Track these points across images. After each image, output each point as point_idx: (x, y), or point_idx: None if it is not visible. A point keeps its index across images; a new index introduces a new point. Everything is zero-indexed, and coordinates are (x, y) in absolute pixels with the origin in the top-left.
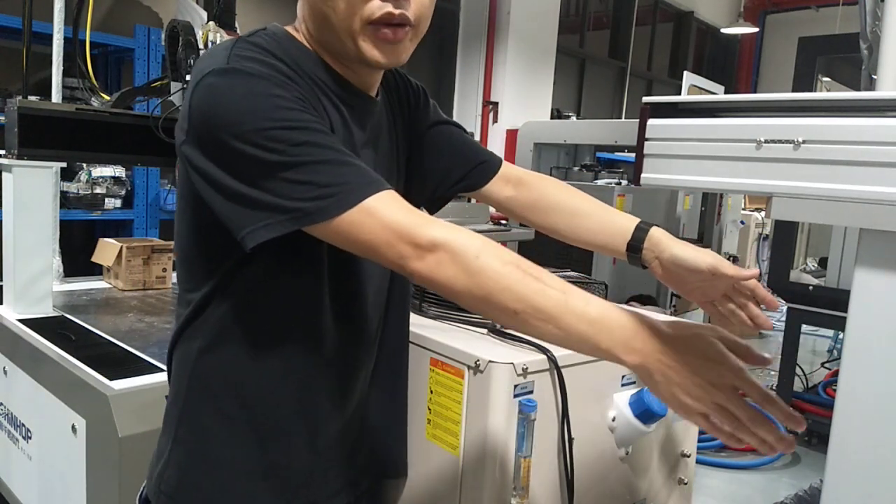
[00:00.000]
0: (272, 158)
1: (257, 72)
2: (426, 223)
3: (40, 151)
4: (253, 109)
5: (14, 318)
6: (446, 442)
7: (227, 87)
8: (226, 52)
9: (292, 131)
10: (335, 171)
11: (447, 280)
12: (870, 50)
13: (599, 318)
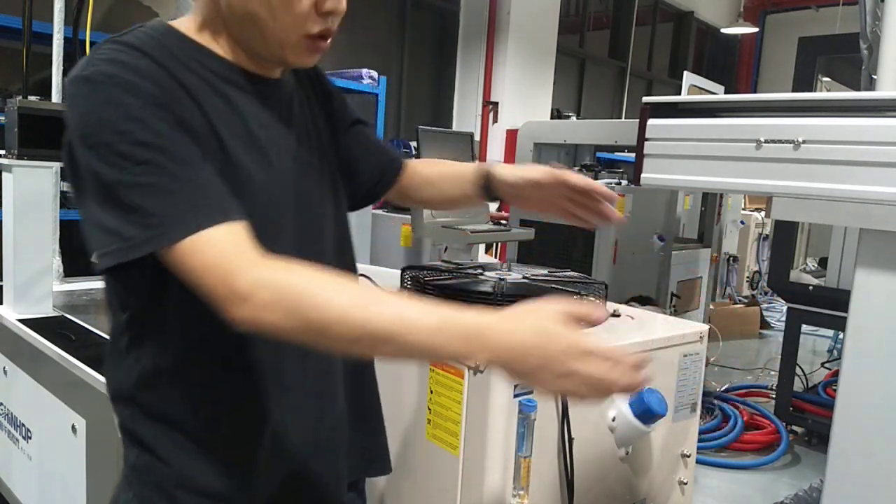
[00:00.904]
0: (113, 175)
1: (108, 77)
2: (248, 266)
3: (40, 151)
4: (99, 121)
5: (14, 318)
6: (446, 442)
7: (77, 97)
8: (91, 55)
9: (137, 147)
10: (169, 197)
11: (272, 325)
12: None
13: (439, 327)
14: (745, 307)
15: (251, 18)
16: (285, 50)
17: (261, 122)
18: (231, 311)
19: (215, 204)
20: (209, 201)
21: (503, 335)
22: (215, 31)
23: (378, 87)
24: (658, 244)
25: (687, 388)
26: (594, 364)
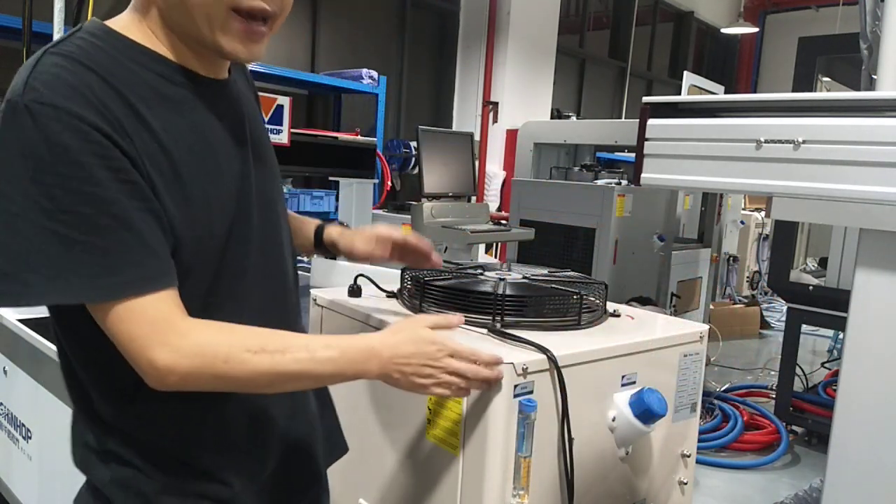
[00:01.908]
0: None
1: (52, 110)
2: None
3: None
4: (38, 159)
5: (14, 319)
6: (446, 442)
7: (15, 127)
8: (27, 72)
9: (66, 193)
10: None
11: (200, 387)
12: (870, 50)
13: (341, 355)
14: (745, 307)
15: (180, 2)
16: (217, 33)
17: (213, 127)
18: (149, 380)
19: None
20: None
21: (388, 348)
22: (152, 23)
23: (378, 87)
24: (658, 244)
25: (687, 388)
26: (459, 360)
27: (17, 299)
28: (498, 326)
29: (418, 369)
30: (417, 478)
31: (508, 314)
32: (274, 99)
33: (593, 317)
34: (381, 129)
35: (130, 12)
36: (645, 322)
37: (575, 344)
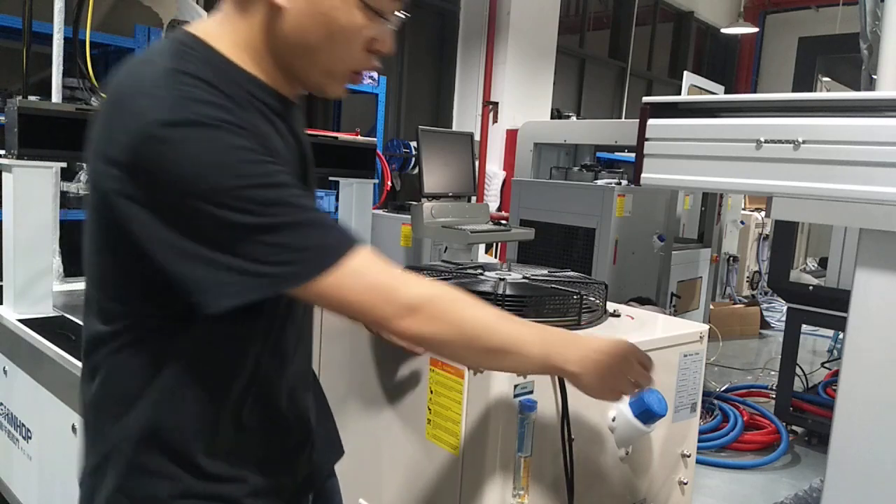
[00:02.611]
0: (244, 220)
1: (213, 119)
2: (406, 282)
3: (40, 151)
4: (218, 166)
5: (14, 318)
6: (446, 442)
7: (185, 143)
8: (168, 91)
9: (263, 189)
10: (310, 231)
11: (433, 334)
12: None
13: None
14: (745, 307)
15: (307, 49)
16: (328, 81)
17: (294, 147)
18: (397, 323)
19: (343, 230)
20: (342, 228)
21: (590, 340)
22: (257, 53)
23: (378, 87)
24: (658, 244)
25: (687, 388)
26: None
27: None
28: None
29: (612, 367)
30: (417, 478)
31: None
32: None
33: (593, 317)
34: (381, 130)
35: (225, 33)
36: (645, 322)
37: None
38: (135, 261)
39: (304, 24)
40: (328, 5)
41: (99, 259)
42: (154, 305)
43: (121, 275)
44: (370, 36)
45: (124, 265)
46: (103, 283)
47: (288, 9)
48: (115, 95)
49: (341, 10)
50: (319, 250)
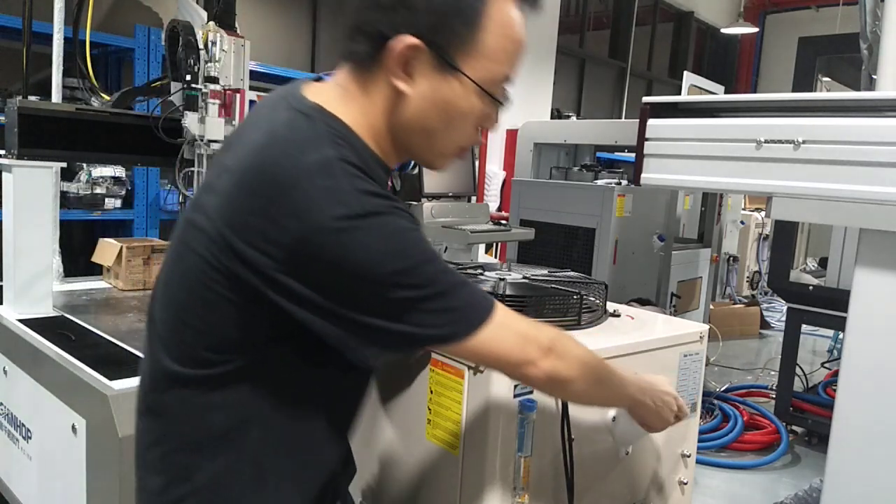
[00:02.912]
0: (412, 295)
1: (382, 208)
2: (536, 326)
3: (40, 151)
4: (392, 252)
5: (14, 318)
6: (446, 442)
7: (361, 233)
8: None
9: (426, 264)
10: (460, 293)
11: (567, 374)
12: (870, 50)
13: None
14: (745, 307)
15: (426, 131)
16: (439, 158)
17: None
18: (541, 364)
19: (481, 292)
20: (476, 287)
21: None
22: (378, 132)
23: None
24: (658, 244)
25: (687, 388)
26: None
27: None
28: None
29: (665, 401)
30: (417, 478)
31: None
32: None
33: (593, 317)
34: None
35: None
36: (645, 322)
37: None
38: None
39: (426, 109)
40: (450, 93)
41: (205, 312)
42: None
43: (237, 328)
44: (483, 115)
45: (247, 324)
46: (203, 332)
47: (410, 94)
48: (272, 178)
49: (461, 96)
50: (472, 309)
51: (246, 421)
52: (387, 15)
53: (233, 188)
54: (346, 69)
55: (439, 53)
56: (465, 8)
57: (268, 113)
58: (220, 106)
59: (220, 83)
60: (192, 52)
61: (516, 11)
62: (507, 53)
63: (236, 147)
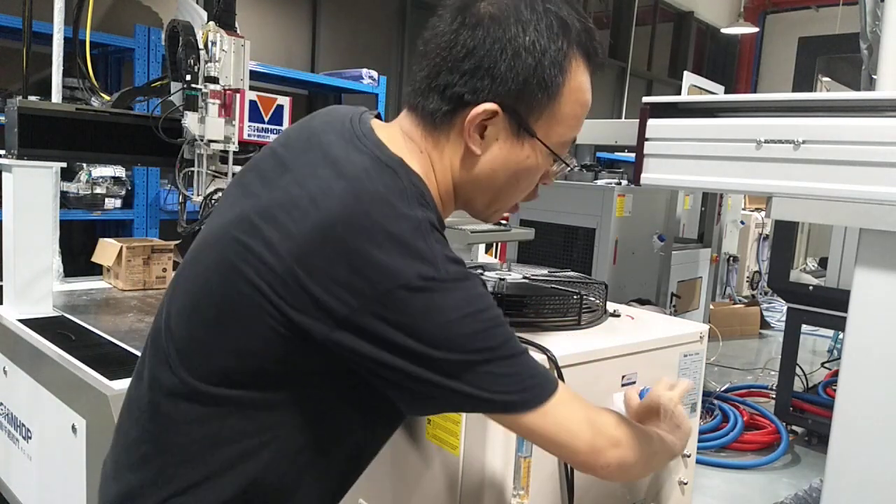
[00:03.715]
0: (485, 357)
1: (465, 276)
2: (605, 418)
3: (40, 151)
4: (471, 315)
5: (14, 318)
6: (446, 442)
7: (448, 298)
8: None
9: (500, 328)
10: (530, 362)
11: (629, 463)
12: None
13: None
14: (745, 307)
15: (492, 190)
16: (497, 213)
17: None
18: (606, 455)
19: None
20: (539, 364)
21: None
22: (445, 189)
23: (378, 87)
24: (658, 244)
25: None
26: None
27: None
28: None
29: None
30: (417, 478)
31: (509, 314)
32: (274, 99)
33: (593, 317)
34: None
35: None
36: (645, 322)
37: (575, 344)
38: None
39: (496, 170)
40: (521, 156)
41: (247, 338)
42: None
43: (278, 361)
44: (546, 173)
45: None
46: (240, 357)
47: (482, 156)
48: (363, 231)
49: (531, 158)
50: (543, 379)
51: (261, 448)
52: (469, 80)
53: (313, 232)
54: (416, 122)
55: (516, 120)
56: (548, 80)
57: (341, 148)
58: (220, 106)
59: (220, 83)
60: (192, 52)
61: (588, 77)
62: (577, 118)
63: (303, 173)
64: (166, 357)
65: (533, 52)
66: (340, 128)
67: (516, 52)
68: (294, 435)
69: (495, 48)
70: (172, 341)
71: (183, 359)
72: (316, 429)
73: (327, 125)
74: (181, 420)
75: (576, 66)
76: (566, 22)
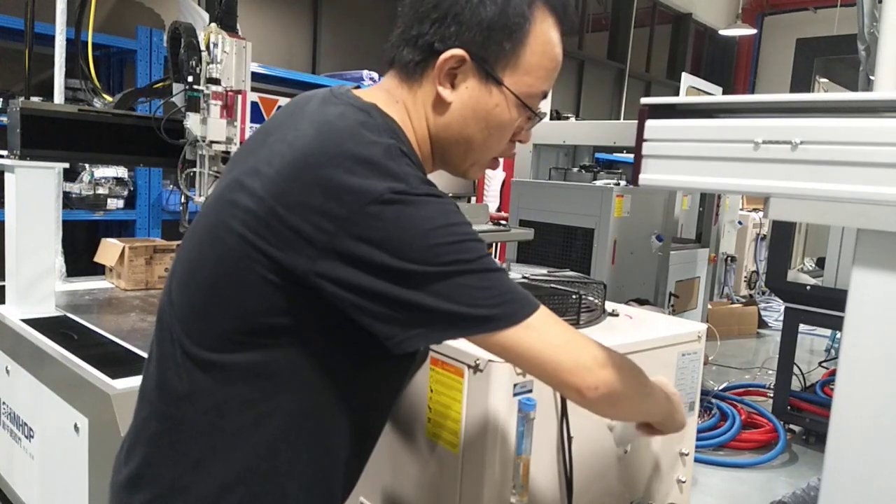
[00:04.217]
0: (461, 268)
1: (439, 194)
2: (584, 341)
3: (43, 152)
4: (444, 226)
5: (17, 318)
6: (446, 440)
7: (421, 209)
8: (406, 167)
9: (476, 243)
10: (507, 281)
11: (614, 389)
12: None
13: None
14: (743, 307)
15: (464, 138)
16: (473, 167)
17: None
18: (594, 374)
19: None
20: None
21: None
22: (421, 137)
23: None
24: (656, 244)
25: (685, 387)
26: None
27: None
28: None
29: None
30: (417, 477)
31: None
32: (275, 100)
33: (592, 316)
34: None
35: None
36: (643, 321)
37: None
38: (301, 305)
39: (466, 118)
40: (490, 104)
41: (242, 294)
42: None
43: (273, 313)
44: (518, 128)
45: (285, 309)
46: (237, 317)
47: (453, 102)
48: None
49: (501, 107)
50: (522, 296)
51: (268, 415)
52: (437, 28)
53: (288, 167)
54: (392, 75)
55: (484, 66)
56: (512, 26)
57: (317, 107)
58: (221, 107)
59: (222, 84)
60: (194, 53)
61: (556, 32)
62: (546, 70)
63: (285, 132)
64: (170, 330)
65: (496, 1)
66: (321, 95)
67: (481, 1)
68: (298, 401)
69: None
70: (174, 313)
71: (184, 328)
72: (319, 393)
73: (309, 97)
74: (186, 392)
75: (541, 18)
76: None
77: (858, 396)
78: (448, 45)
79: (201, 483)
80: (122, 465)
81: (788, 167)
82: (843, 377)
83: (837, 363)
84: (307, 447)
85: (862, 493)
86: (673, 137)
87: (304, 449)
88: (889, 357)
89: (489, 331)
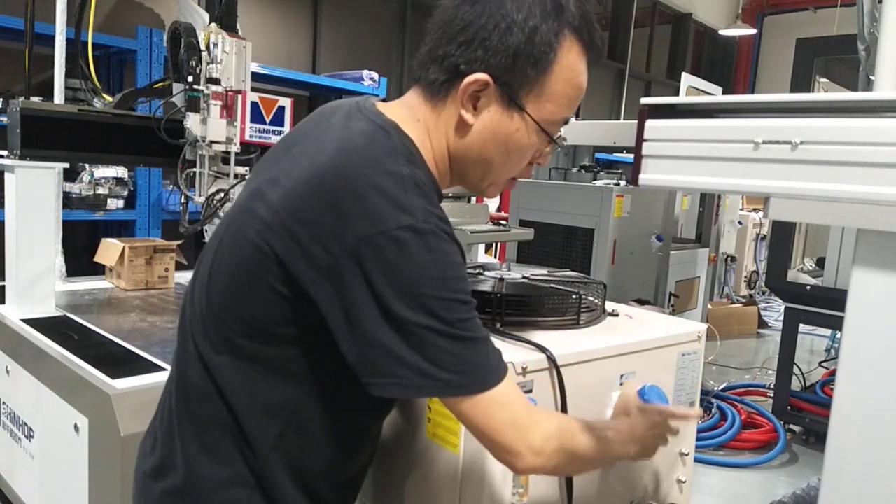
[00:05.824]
0: (438, 326)
1: (445, 233)
2: (538, 422)
3: (43, 152)
4: (438, 278)
5: (17, 318)
6: (446, 440)
7: (422, 249)
8: (408, 197)
9: (463, 306)
10: (485, 349)
11: (553, 468)
12: (867, 51)
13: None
14: (743, 307)
15: (484, 160)
16: (491, 187)
17: None
18: (522, 461)
19: (499, 356)
20: (496, 355)
21: (636, 429)
22: (440, 157)
23: (378, 88)
24: (656, 244)
25: (685, 387)
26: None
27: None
28: (498, 326)
29: (649, 437)
30: (417, 477)
31: (508, 314)
32: (275, 100)
33: (592, 316)
34: None
35: (425, 141)
36: (643, 321)
37: (574, 343)
38: (307, 316)
39: (486, 140)
40: (511, 129)
41: (251, 301)
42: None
43: (281, 322)
44: (537, 152)
45: (292, 319)
46: (247, 323)
47: (475, 125)
48: (352, 181)
49: (522, 133)
50: (489, 369)
51: (278, 411)
52: (464, 50)
53: (305, 185)
54: (417, 92)
55: (507, 92)
56: (538, 55)
57: (342, 120)
58: (221, 107)
59: (222, 84)
60: (194, 53)
61: (582, 61)
62: (569, 98)
63: (308, 145)
64: (190, 330)
65: (524, 29)
66: (347, 107)
67: (508, 27)
68: (308, 398)
69: (490, 22)
70: (194, 314)
71: (200, 329)
72: (326, 389)
73: (336, 107)
74: (203, 390)
75: (568, 47)
76: (561, 4)
77: (858, 396)
78: (473, 69)
79: (217, 474)
80: (147, 455)
81: (788, 167)
82: (843, 377)
83: (837, 363)
84: (319, 440)
85: (862, 493)
86: (673, 137)
87: (317, 442)
88: (889, 356)
89: (445, 395)
